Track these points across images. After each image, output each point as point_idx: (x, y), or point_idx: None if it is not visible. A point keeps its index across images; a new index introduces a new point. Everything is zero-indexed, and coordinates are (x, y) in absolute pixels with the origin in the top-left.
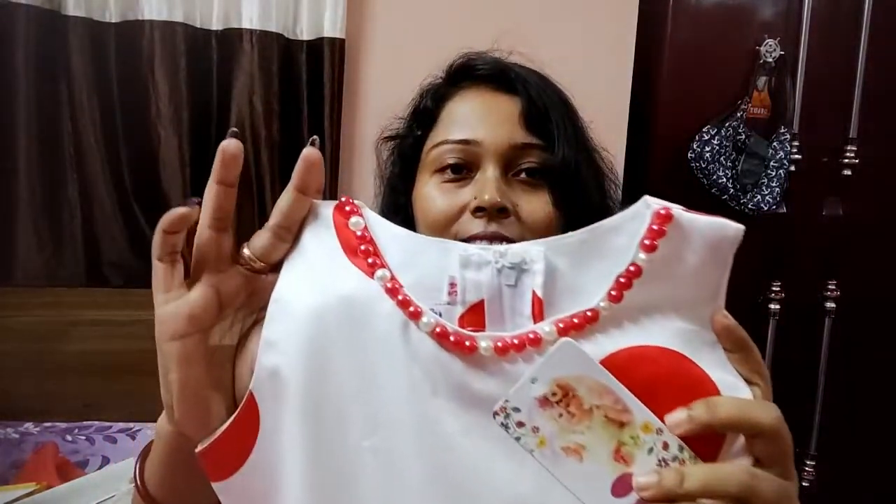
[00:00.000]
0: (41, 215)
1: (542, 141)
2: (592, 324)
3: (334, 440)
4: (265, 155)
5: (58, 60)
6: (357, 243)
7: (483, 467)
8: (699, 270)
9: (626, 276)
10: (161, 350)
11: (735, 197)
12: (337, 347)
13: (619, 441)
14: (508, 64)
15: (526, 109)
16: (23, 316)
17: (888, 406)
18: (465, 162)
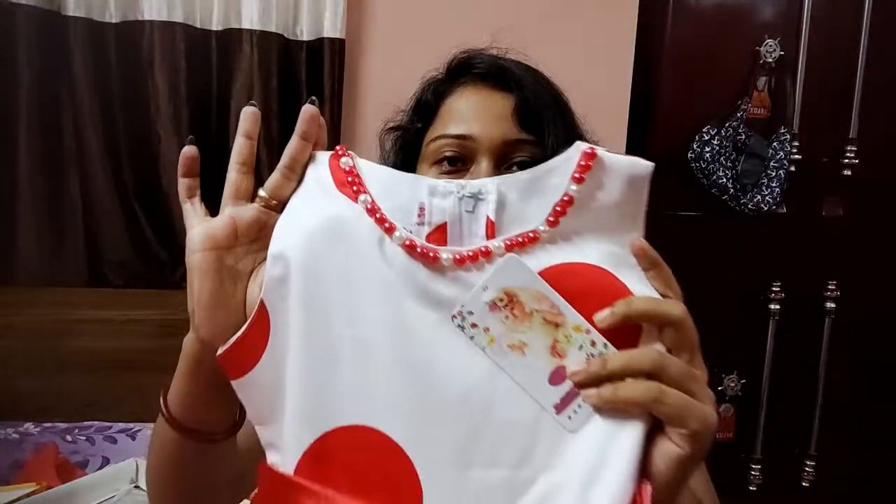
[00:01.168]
0: (42, 215)
1: (534, 137)
2: (533, 243)
3: (323, 330)
4: (265, 155)
5: (58, 60)
6: (345, 177)
7: (443, 359)
8: (620, 201)
9: (561, 205)
10: (188, 264)
11: (735, 197)
12: (327, 257)
13: (554, 339)
14: (505, 62)
15: (519, 107)
16: (23, 315)
17: (888, 406)
18: (461, 155)
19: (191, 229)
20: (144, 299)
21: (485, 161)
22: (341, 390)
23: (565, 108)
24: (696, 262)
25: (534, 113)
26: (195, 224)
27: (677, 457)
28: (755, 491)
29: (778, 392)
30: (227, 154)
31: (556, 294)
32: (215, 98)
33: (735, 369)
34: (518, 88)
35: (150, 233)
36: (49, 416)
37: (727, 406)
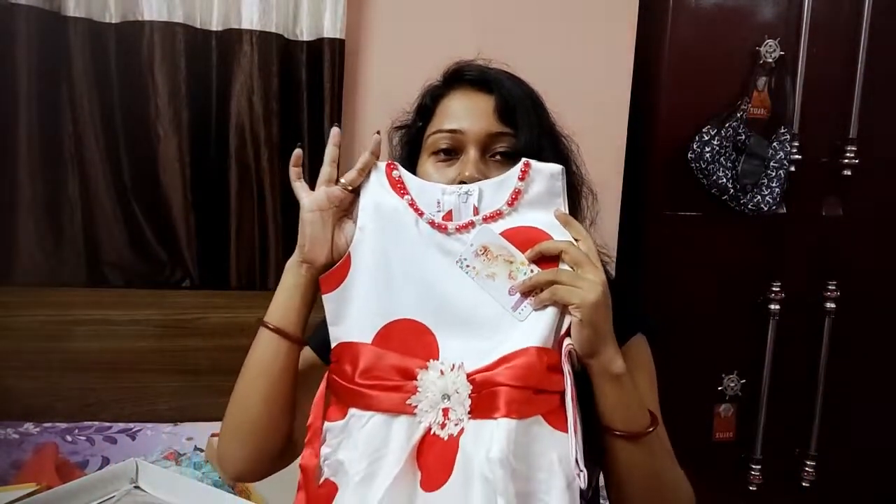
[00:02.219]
0: (42, 215)
1: (512, 130)
2: (498, 217)
3: (385, 266)
4: (265, 155)
5: (58, 61)
6: (395, 182)
7: (451, 283)
8: (547, 189)
9: (514, 194)
10: (301, 218)
11: (735, 197)
12: (386, 228)
13: (510, 270)
14: (489, 70)
15: (499, 106)
16: (23, 316)
17: (888, 406)
18: (453, 147)
19: (302, 199)
20: (144, 299)
21: (472, 150)
22: (395, 299)
23: (539, 107)
24: (696, 262)
25: (511, 111)
26: (304, 196)
27: (576, 322)
28: (755, 491)
29: (778, 392)
30: (226, 154)
31: (510, 245)
32: (215, 98)
33: (735, 369)
34: (498, 91)
35: (149, 233)
36: (49, 416)
37: (727, 406)
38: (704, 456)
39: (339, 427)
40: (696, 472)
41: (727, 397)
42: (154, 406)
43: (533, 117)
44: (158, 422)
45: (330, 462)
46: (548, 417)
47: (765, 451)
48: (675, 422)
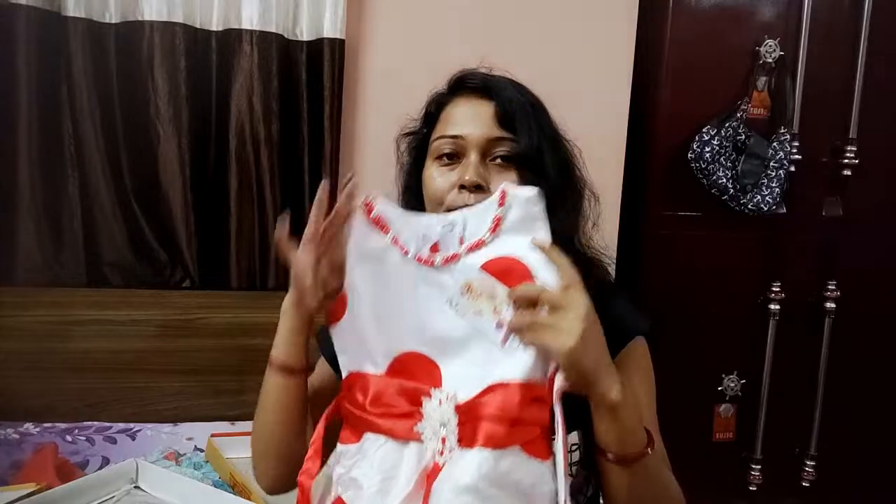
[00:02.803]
0: (42, 215)
1: (511, 135)
2: (482, 246)
3: (378, 302)
4: (265, 155)
5: (58, 61)
6: (376, 222)
7: (443, 315)
8: (527, 216)
9: (495, 221)
10: (291, 274)
11: (735, 197)
12: (374, 269)
13: (494, 306)
14: (491, 77)
15: (499, 112)
16: (23, 316)
17: (888, 406)
18: (455, 151)
19: (290, 261)
20: (144, 300)
21: (473, 154)
22: (396, 333)
23: (540, 113)
24: (696, 262)
25: (511, 116)
26: (290, 258)
27: (555, 353)
28: (755, 491)
29: (778, 392)
30: (227, 154)
31: (492, 278)
32: (215, 98)
33: (735, 369)
34: (498, 97)
35: (149, 233)
36: (49, 416)
37: (727, 406)
38: (704, 456)
39: (355, 450)
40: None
41: (727, 397)
42: (154, 406)
43: (533, 123)
44: (158, 422)
45: (343, 480)
46: (527, 447)
47: (765, 451)
48: (675, 422)
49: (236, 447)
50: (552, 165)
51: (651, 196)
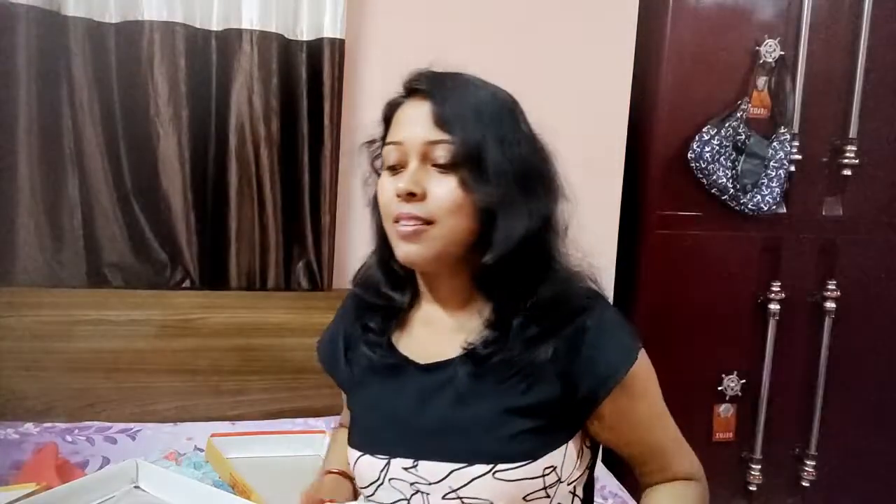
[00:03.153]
0: (42, 216)
1: (452, 136)
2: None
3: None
4: (265, 154)
5: (58, 60)
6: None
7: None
8: None
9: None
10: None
11: (735, 197)
12: None
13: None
14: (434, 75)
15: (435, 112)
16: (23, 316)
17: (888, 406)
18: (400, 159)
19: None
20: (144, 300)
21: (413, 161)
22: None
23: (492, 112)
24: (696, 262)
25: (447, 116)
26: None
27: None
28: (755, 491)
29: (778, 392)
30: (226, 153)
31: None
32: (215, 98)
33: (735, 369)
34: (434, 97)
35: (149, 233)
36: (49, 416)
37: (727, 406)
38: (704, 456)
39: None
40: None
41: (727, 397)
42: (154, 406)
43: (473, 122)
44: (158, 422)
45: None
46: None
47: (765, 451)
48: (675, 422)
49: (236, 447)
50: (499, 168)
51: (651, 196)
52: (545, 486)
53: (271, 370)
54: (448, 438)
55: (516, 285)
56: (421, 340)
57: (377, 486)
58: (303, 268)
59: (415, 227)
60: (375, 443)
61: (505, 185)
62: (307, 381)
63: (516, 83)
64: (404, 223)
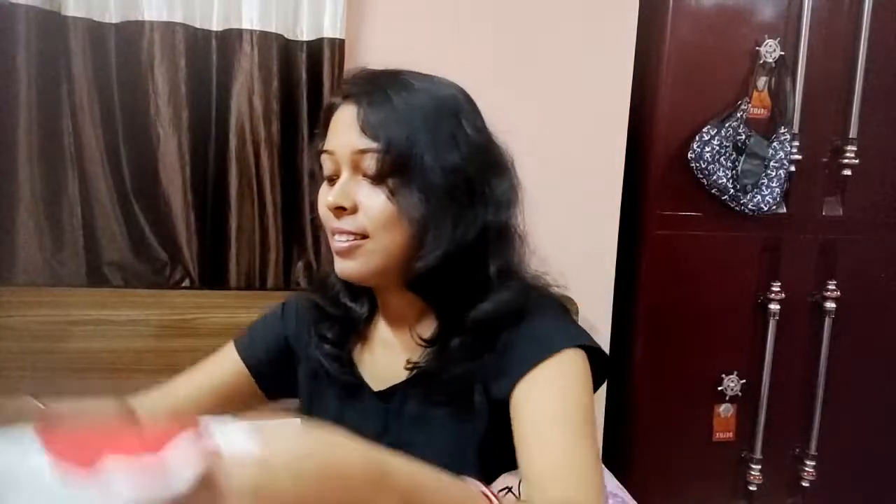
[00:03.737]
0: (41, 215)
1: (378, 144)
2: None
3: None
4: (265, 155)
5: (58, 61)
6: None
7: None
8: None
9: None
10: None
11: (735, 197)
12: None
13: None
14: (364, 75)
15: (362, 118)
16: (23, 316)
17: (888, 406)
18: (333, 168)
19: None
20: (144, 299)
21: (345, 171)
22: None
23: (426, 116)
24: (696, 262)
25: (374, 122)
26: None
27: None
28: (755, 491)
29: (778, 392)
30: (227, 154)
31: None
32: (215, 98)
33: (735, 369)
34: (360, 100)
35: (149, 233)
36: None
37: (727, 406)
38: (704, 456)
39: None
40: (696, 472)
41: (727, 397)
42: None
43: (404, 128)
44: None
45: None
46: None
47: (765, 451)
48: (676, 422)
49: None
50: (428, 178)
51: (651, 196)
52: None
53: None
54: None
55: (455, 300)
56: (379, 361)
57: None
58: (302, 268)
59: (349, 242)
60: None
61: (434, 195)
62: None
63: (516, 83)
64: (338, 238)
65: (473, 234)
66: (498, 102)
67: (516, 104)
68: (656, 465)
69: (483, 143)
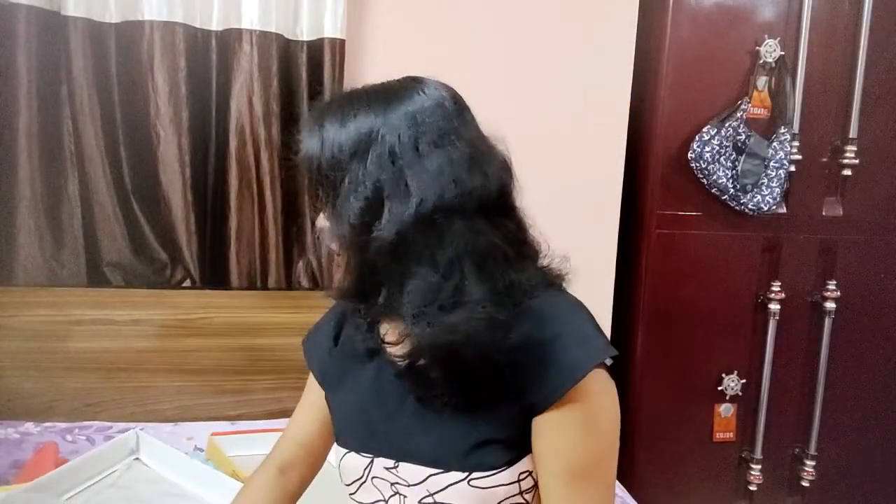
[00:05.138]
0: (42, 215)
1: (307, 174)
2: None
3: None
4: (265, 155)
5: (58, 61)
6: None
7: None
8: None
9: None
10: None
11: (735, 197)
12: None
13: None
14: (319, 108)
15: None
16: (23, 315)
17: (888, 406)
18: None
19: None
20: (144, 299)
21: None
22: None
23: (340, 146)
24: (696, 262)
25: (301, 158)
26: None
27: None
28: (755, 491)
29: (778, 392)
30: (226, 154)
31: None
32: (215, 98)
33: (735, 369)
34: (309, 134)
35: (149, 233)
36: (49, 416)
37: (727, 406)
38: (704, 456)
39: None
40: (696, 472)
41: (727, 397)
42: (154, 406)
43: (317, 180)
44: (159, 422)
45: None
46: None
47: (765, 451)
48: (676, 422)
49: (238, 445)
50: (339, 208)
51: (651, 196)
52: (521, 492)
53: (272, 370)
54: (425, 440)
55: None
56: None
57: (360, 484)
58: (303, 267)
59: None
60: (359, 440)
61: (343, 223)
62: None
63: (516, 83)
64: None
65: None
66: (498, 102)
67: (516, 104)
68: (656, 465)
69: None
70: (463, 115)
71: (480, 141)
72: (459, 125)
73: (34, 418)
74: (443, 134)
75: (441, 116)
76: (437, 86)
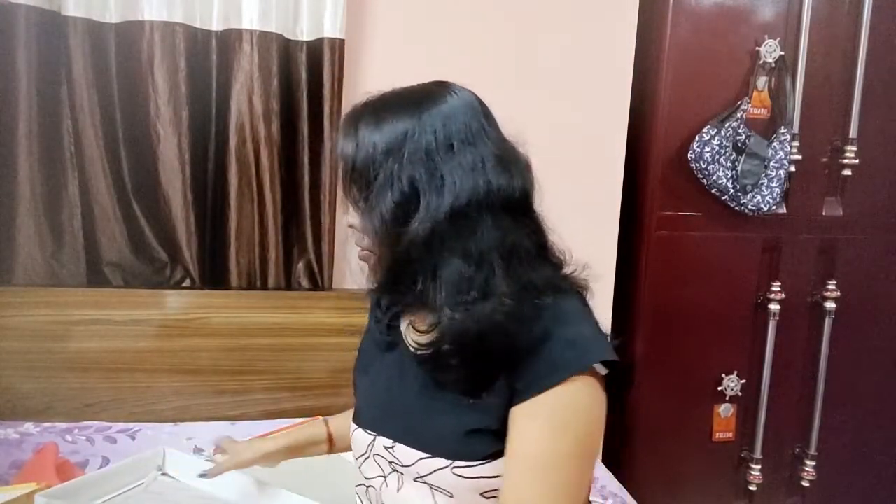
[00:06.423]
0: (41, 215)
1: (343, 177)
2: None
3: None
4: (265, 155)
5: (58, 61)
6: None
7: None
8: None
9: None
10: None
11: (735, 197)
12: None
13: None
14: (354, 110)
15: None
16: (23, 316)
17: (888, 406)
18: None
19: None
20: (144, 299)
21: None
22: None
23: (368, 123)
24: (696, 262)
25: (338, 156)
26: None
27: None
28: (755, 491)
29: (778, 392)
30: (226, 154)
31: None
32: (215, 98)
33: (735, 369)
34: (343, 134)
35: (149, 233)
36: (49, 416)
37: (727, 406)
38: (704, 456)
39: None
40: (696, 472)
41: (727, 397)
42: (154, 406)
43: (350, 141)
44: (158, 422)
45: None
46: None
47: (765, 451)
48: (676, 422)
49: None
50: (378, 200)
51: (651, 196)
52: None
53: (272, 370)
54: (422, 425)
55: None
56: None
57: (364, 459)
58: (303, 268)
59: (361, 257)
60: (366, 418)
61: (375, 219)
62: (308, 381)
63: (516, 84)
64: (359, 254)
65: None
66: (497, 102)
67: (516, 104)
68: (656, 465)
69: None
70: (489, 117)
71: (505, 141)
72: (487, 125)
73: (34, 418)
74: (475, 133)
75: (472, 116)
76: (463, 89)
